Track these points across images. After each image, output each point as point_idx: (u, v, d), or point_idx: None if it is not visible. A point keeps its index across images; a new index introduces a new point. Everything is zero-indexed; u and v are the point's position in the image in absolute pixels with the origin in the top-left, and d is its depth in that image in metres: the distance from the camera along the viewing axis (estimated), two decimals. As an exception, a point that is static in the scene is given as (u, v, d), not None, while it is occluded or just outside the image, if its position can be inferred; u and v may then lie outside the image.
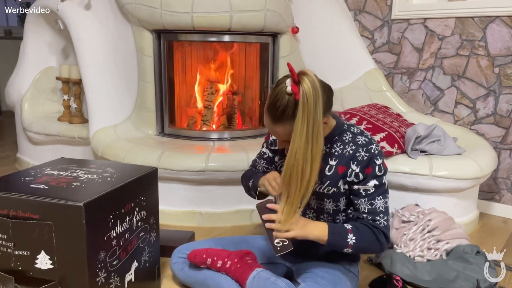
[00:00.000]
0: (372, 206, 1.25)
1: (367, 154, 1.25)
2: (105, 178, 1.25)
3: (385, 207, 1.26)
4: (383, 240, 1.24)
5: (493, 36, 2.23)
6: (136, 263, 1.32)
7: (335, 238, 1.22)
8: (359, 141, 1.28)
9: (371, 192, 1.26)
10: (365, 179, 1.26)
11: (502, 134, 2.27)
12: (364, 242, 1.23)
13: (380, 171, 1.26)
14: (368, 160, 1.25)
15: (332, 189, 1.29)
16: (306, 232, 1.22)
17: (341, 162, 1.28)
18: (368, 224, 1.25)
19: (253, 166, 1.55)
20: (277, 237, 1.21)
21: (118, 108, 2.42)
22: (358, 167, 1.26)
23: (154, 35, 2.35)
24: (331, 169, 1.30)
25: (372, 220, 1.25)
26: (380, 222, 1.25)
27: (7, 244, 1.11)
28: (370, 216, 1.26)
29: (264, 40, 2.42)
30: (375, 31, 2.61)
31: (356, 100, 2.50)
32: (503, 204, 2.31)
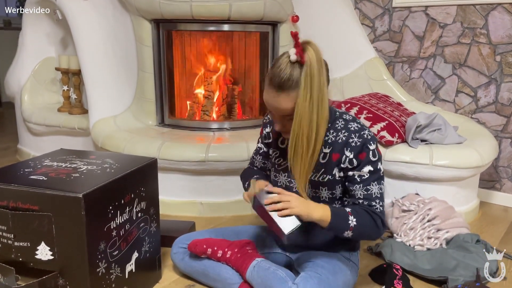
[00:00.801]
0: (367, 192, 1.25)
1: (360, 140, 1.25)
2: (104, 169, 1.25)
3: (380, 193, 1.26)
4: (380, 224, 1.25)
5: (495, 24, 2.21)
6: (137, 254, 1.33)
7: (337, 219, 1.22)
8: (352, 128, 1.27)
9: (366, 177, 1.25)
10: (359, 165, 1.25)
11: (503, 123, 2.26)
12: (363, 226, 1.23)
13: (374, 156, 1.25)
14: (362, 146, 1.24)
15: (327, 176, 1.29)
16: (309, 210, 1.20)
17: (335, 149, 1.28)
18: (365, 208, 1.25)
19: (251, 163, 1.56)
20: (282, 215, 1.18)
21: (118, 98, 2.42)
22: (352, 153, 1.25)
23: (153, 25, 2.33)
24: (325, 157, 1.29)
25: (368, 205, 1.25)
26: (376, 207, 1.25)
27: (7, 236, 1.11)
28: (366, 201, 1.25)
29: (264, 29, 2.41)
30: (376, 19, 2.58)
31: (357, 89, 2.48)
32: (503, 192, 2.31)
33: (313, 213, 1.20)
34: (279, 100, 1.18)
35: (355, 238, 1.27)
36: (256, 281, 1.27)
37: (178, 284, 1.48)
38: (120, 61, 2.42)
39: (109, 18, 2.42)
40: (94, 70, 2.37)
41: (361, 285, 1.49)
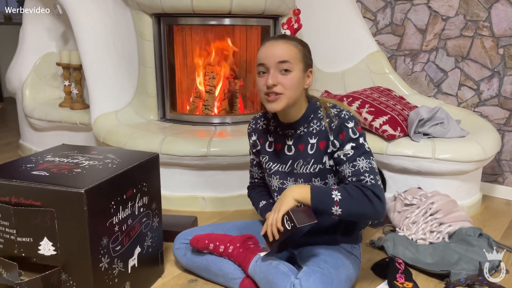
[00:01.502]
0: (354, 168, 1.23)
1: (338, 120, 1.28)
2: (106, 165, 1.25)
3: (369, 167, 1.23)
4: (373, 197, 1.18)
5: (498, 16, 2.20)
6: (139, 249, 1.33)
7: (319, 194, 1.19)
8: (332, 113, 1.30)
9: (350, 155, 1.25)
10: (342, 145, 1.27)
11: (506, 116, 2.25)
12: (351, 199, 1.17)
13: (354, 133, 1.26)
14: (340, 126, 1.27)
15: (318, 166, 1.31)
16: (286, 199, 1.20)
17: (320, 138, 1.31)
18: (353, 184, 1.22)
19: (251, 177, 1.59)
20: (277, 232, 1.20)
21: (119, 93, 2.41)
22: (333, 135, 1.28)
23: (154, 19, 2.33)
24: (313, 147, 1.32)
25: (357, 180, 1.22)
26: (366, 181, 1.21)
27: (9, 231, 1.11)
28: (354, 177, 1.23)
29: (265, 23, 2.39)
30: (378, 12, 2.57)
31: (359, 83, 2.47)
32: (506, 186, 2.30)
33: (291, 197, 1.20)
34: (277, 46, 1.25)
35: (348, 215, 1.19)
36: (259, 276, 1.27)
37: (180, 279, 1.49)
38: (121, 56, 2.41)
39: (109, 13, 2.41)
40: (95, 65, 2.36)
41: (363, 279, 1.49)
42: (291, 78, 1.24)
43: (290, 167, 1.36)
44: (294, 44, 1.27)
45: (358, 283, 1.46)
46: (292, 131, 1.36)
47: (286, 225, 1.18)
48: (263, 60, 1.26)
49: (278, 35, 1.32)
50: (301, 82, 1.28)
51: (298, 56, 1.26)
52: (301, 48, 1.28)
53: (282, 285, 1.19)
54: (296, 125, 1.34)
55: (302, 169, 1.33)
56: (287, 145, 1.37)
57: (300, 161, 1.34)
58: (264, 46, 1.28)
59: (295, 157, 1.35)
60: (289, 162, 1.36)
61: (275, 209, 1.21)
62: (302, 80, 1.28)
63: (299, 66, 1.26)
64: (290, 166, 1.36)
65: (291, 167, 1.36)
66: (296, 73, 1.25)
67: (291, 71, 1.25)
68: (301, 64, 1.27)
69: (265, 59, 1.26)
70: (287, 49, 1.25)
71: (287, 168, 1.37)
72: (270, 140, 1.42)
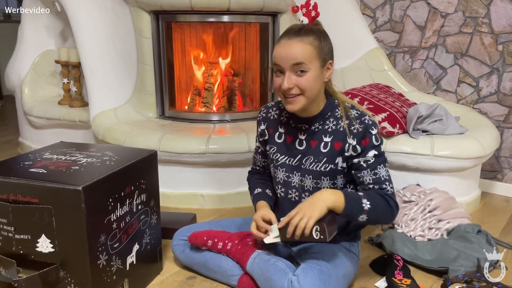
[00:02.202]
0: (376, 176, 1.25)
1: (362, 126, 1.25)
2: (104, 162, 1.25)
3: (388, 175, 1.27)
4: (394, 206, 1.23)
5: (497, 13, 2.19)
6: (138, 246, 1.33)
7: (351, 203, 1.18)
8: (352, 115, 1.28)
9: (371, 162, 1.25)
10: (364, 151, 1.26)
11: (505, 113, 2.25)
12: (377, 208, 1.20)
13: (377, 140, 1.26)
14: (364, 132, 1.25)
15: (329, 166, 1.29)
16: (320, 205, 1.16)
17: (336, 138, 1.28)
18: (377, 191, 1.24)
19: (254, 163, 1.55)
20: (305, 236, 1.16)
21: (118, 91, 2.41)
22: (355, 139, 1.26)
23: (152, 16, 2.32)
24: (326, 146, 1.30)
25: (379, 188, 1.25)
26: (387, 190, 1.25)
27: (7, 228, 1.11)
28: (376, 185, 1.25)
29: (264, 20, 2.39)
30: (377, 9, 2.56)
31: (358, 80, 2.47)
32: (505, 183, 2.30)
33: (325, 205, 1.16)
34: (292, 46, 1.20)
35: (370, 222, 1.23)
36: (256, 272, 1.28)
37: (179, 276, 1.49)
38: (120, 53, 2.41)
39: (108, 10, 2.40)
40: (94, 63, 2.36)
41: (362, 276, 1.49)
42: (307, 79, 1.20)
43: (298, 161, 1.33)
44: (309, 41, 1.20)
45: (357, 280, 1.46)
46: (306, 126, 1.33)
47: (314, 235, 1.15)
48: (278, 61, 1.22)
49: (294, 29, 1.23)
50: (319, 79, 1.24)
51: (314, 54, 1.20)
52: (317, 44, 1.21)
53: (280, 282, 1.20)
54: (311, 120, 1.31)
55: (312, 166, 1.31)
56: (299, 139, 1.34)
57: (311, 158, 1.31)
58: (279, 45, 1.23)
59: (305, 153, 1.32)
60: (298, 157, 1.34)
61: (305, 213, 1.15)
62: (320, 77, 1.24)
63: (315, 64, 1.21)
64: (298, 161, 1.33)
65: (299, 162, 1.33)
66: (312, 72, 1.21)
67: (307, 71, 1.20)
68: (317, 61, 1.21)
69: (279, 60, 1.21)
70: (301, 49, 1.19)
71: (295, 162, 1.34)
72: (280, 131, 1.39)
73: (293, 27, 1.24)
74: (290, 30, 1.23)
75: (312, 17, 1.28)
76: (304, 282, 1.16)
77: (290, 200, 1.36)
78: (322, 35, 1.24)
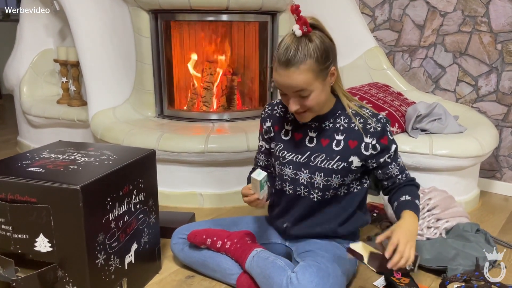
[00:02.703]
0: (399, 166, 1.35)
1: (379, 125, 1.28)
2: (102, 161, 1.25)
3: (403, 162, 1.39)
4: (418, 185, 1.39)
5: (496, 12, 2.19)
6: (136, 245, 1.33)
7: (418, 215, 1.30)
8: (365, 114, 1.30)
9: (393, 155, 1.33)
10: (386, 149, 1.31)
11: (504, 112, 2.25)
12: (417, 197, 1.34)
13: (391, 135, 1.32)
14: (382, 131, 1.29)
15: (342, 164, 1.29)
16: (414, 236, 1.21)
17: (351, 137, 1.29)
18: (406, 183, 1.36)
19: (255, 163, 1.54)
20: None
21: (116, 90, 2.41)
22: (374, 138, 1.28)
23: (151, 15, 2.32)
24: (339, 144, 1.30)
25: (405, 177, 1.37)
26: (408, 173, 1.38)
27: (5, 228, 1.11)
28: (402, 175, 1.36)
29: (263, 19, 2.39)
30: (376, 8, 2.56)
31: (357, 79, 2.47)
32: (504, 182, 2.30)
33: (415, 232, 1.24)
34: (290, 76, 1.16)
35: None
36: (256, 271, 1.28)
37: (177, 275, 1.49)
38: (119, 52, 2.41)
39: (106, 9, 2.40)
40: (92, 62, 2.35)
41: (360, 274, 1.49)
42: (311, 99, 1.19)
43: (306, 159, 1.33)
44: (306, 68, 1.14)
45: (355, 279, 1.46)
46: (316, 124, 1.32)
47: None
48: (279, 87, 1.21)
49: (288, 54, 1.14)
50: (324, 90, 1.22)
51: (313, 78, 1.16)
52: (315, 66, 1.15)
53: (279, 279, 1.20)
54: (322, 118, 1.31)
55: (324, 163, 1.30)
56: (309, 137, 1.33)
57: (322, 155, 1.30)
58: (276, 72, 1.19)
59: (315, 150, 1.32)
60: (307, 154, 1.33)
61: (405, 243, 1.15)
62: (324, 88, 1.22)
63: (316, 84, 1.18)
64: (306, 158, 1.32)
65: (307, 159, 1.32)
66: (315, 92, 1.19)
67: (310, 93, 1.19)
68: (318, 81, 1.18)
69: (280, 87, 1.21)
70: (299, 79, 1.15)
71: (303, 159, 1.33)
72: (287, 128, 1.38)
73: (288, 51, 1.14)
74: (284, 55, 1.14)
75: (305, 31, 1.14)
76: (303, 279, 1.16)
77: (299, 196, 1.35)
78: (319, 48, 1.15)
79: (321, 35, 1.18)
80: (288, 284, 1.17)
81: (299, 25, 1.13)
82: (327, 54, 1.18)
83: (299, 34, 1.13)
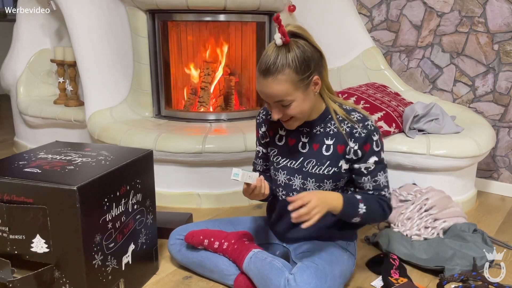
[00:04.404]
0: (376, 183, 1.28)
1: (364, 131, 1.24)
2: (99, 161, 1.25)
3: (387, 181, 1.30)
4: (388, 210, 1.30)
5: (493, 12, 2.20)
6: (133, 246, 1.32)
7: (348, 207, 1.23)
8: (354, 118, 1.26)
9: (372, 169, 1.27)
10: (364, 156, 1.26)
11: (501, 112, 2.25)
12: (372, 212, 1.26)
13: (377, 146, 1.26)
14: (366, 137, 1.24)
15: (333, 169, 1.28)
16: (327, 205, 1.18)
17: (339, 141, 1.27)
18: (375, 197, 1.29)
19: (254, 169, 1.53)
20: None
21: (114, 90, 2.40)
22: (356, 144, 1.25)
23: (148, 15, 2.31)
24: (329, 149, 1.28)
25: (378, 195, 1.29)
26: (385, 196, 1.30)
27: (2, 228, 1.10)
28: (376, 192, 1.29)
29: (260, 19, 2.38)
30: (373, 9, 2.56)
31: (354, 79, 2.47)
32: (501, 182, 2.31)
33: (327, 209, 1.19)
34: (268, 86, 1.16)
35: (361, 223, 1.32)
36: (253, 272, 1.27)
37: (175, 276, 1.48)
38: (116, 52, 2.40)
39: (104, 9, 2.39)
40: (89, 62, 2.35)
41: (358, 274, 1.49)
42: (293, 108, 1.19)
43: (300, 164, 1.32)
44: (284, 78, 1.13)
45: (353, 279, 1.46)
46: (307, 129, 1.31)
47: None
48: (260, 95, 1.22)
49: (266, 65, 1.14)
50: (307, 99, 1.20)
51: (292, 88, 1.15)
52: (293, 76, 1.14)
53: (276, 281, 1.19)
54: (312, 123, 1.30)
55: (315, 169, 1.29)
56: (302, 142, 1.32)
57: (313, 161, 1.30)
58: (257, 80, 1.19)
59: (308, 156, 1.31)
60: (300, 159, 1.32)
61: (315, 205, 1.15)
62: (307, 97, 1.20)
63: (296, 94, 1.17)
64: (300, 163, 1.32)
65: (301, 165, 1.32)
66: (296, 101, 1.18)
67: (291, 102, 1.18)
68: (298, 90, 1.16)
69: (261, 95, 1.21)
70: (278, 89, 1.15)
71: (296, 165, 1.33)
72: (281, 133, 1.37)
73: (266, 60, 1.14)
74: (264, 64, 1.15)
75: (283, 41, 1.13)
76: (301, 280, 1.16)
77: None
78: (298, 58, 1.14)
79: (304, 44, 1.16)
80: (286, 285, 1.17)
81: (280, 34, 1.12)
82: (308, 63, 1.15)
83: (279, 43, 1.13)
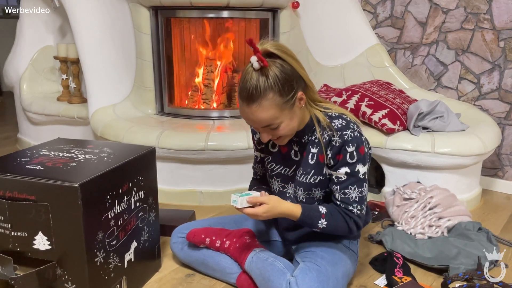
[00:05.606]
0: (345, 195, 1.23)
1: (340, 141, 1.20)
2: (101, 159, 1.24)
3: (359, 197, 1.23)
4: (354, 228, 1.24)
5: (499, 9, 2.17)
6: (136, 243, 1.32)
7: (306, 221, 1.23)
8: (335, 125, 1.22)
9: (342, 180, 1.22)
10: (335, 165, 1.22)
11: (507, 110, 2.23)
12: (334, 227, 1.24)
13: (352, 158, 1.20)
14: (339, 147, 1.20)
15: (318, 177, 1.27)
16: (277, 215, 1.22)
17: (320, 150, 1.25)
18: (341, 211, 1.24)
19: (254, 173, 1.52)
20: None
21: (117, 87, 2.40)
22: (331, 152, 1.22)
23: (151, 12, 2.30)
24: (313, 158, 1.26)
25: (345, 208, 1.23)
26: (354, 212, 1.23)
27: (4, 225, 1.10)
28: (343, 204, 1.24)
29: (264, 16, 2.37)
30: (378, 5, 2.54)
31: (358, 77, 2.46)
32: (506, 180, 2.29)
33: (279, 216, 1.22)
34: (254, 113, 1.13)
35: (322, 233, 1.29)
36: (255, 272, 1.27)
37: (177, 273, 1.48)
38: (119, 49, 2.40)
39: (107, 6, 2.38)
40: (92, 59, 2.34)
41: (362, 273, 1.48)
42: (282, 128, 1.17)
43: (293, 172, 1.32)
44: (268, 103, 1.11)
45: (356, 278, 1.45)
46: (297, 138, 1.29)
47: None
48: (247, 122, 1.19)
49: (248, 91, 1.11)
50: (294, 116, 1.18)
51: (278, 110, 1.13)
52: (277, 99, 1.11)
53: (278, 283, 1.19)
54: (300, 133, 1.27)
55: (302, 178, 1.28)
56: (294, 150, 1.31)
57: (301, 169, 1.29)
58: (240, 107, 1.16)
59: (299, 164, 1.30)
60: (294, 167, 1.31)
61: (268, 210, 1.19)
62: (294, 115, 1.18)
63: (284, 115, 1.14)
64: (293, 171, 1.32)
65: (294, 173, 1.31)
66: (284, 122, 1.16)
67: (279, 124, 1.16)
68: (284, 112, 1.14)
69: (248, 123, 1.19)
70: (263, 115, 1.12)
71: (290, 173, 1.32)
72: (274, 140, 1.34)
73: (247, 86, 1.10)
74: (244, 91, 1.11)
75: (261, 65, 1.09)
76: (303, 284, 1.15)
77: None
78: (279, 79, 1.10)
79: (281, 63, 1.11)
80: (287, 289, 1.16)
81: (256, 56, 1.08)
82: (290, 83, 1.12)
83: (256, 66, 1.09)
